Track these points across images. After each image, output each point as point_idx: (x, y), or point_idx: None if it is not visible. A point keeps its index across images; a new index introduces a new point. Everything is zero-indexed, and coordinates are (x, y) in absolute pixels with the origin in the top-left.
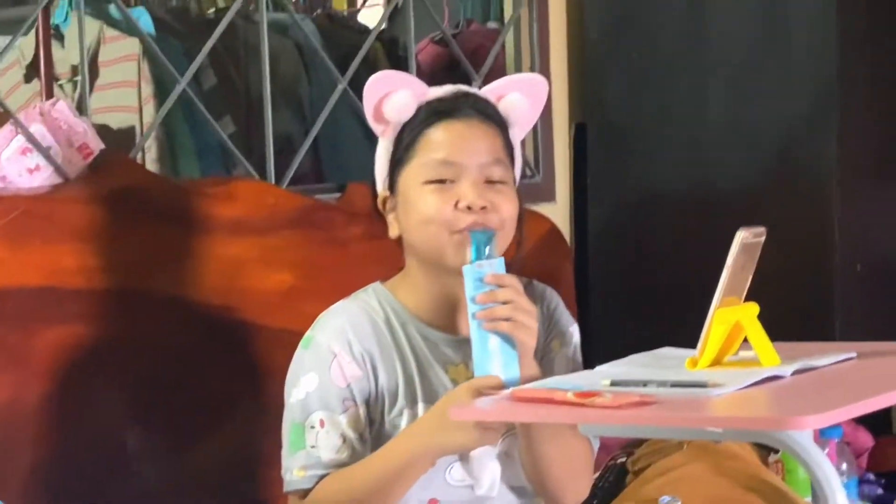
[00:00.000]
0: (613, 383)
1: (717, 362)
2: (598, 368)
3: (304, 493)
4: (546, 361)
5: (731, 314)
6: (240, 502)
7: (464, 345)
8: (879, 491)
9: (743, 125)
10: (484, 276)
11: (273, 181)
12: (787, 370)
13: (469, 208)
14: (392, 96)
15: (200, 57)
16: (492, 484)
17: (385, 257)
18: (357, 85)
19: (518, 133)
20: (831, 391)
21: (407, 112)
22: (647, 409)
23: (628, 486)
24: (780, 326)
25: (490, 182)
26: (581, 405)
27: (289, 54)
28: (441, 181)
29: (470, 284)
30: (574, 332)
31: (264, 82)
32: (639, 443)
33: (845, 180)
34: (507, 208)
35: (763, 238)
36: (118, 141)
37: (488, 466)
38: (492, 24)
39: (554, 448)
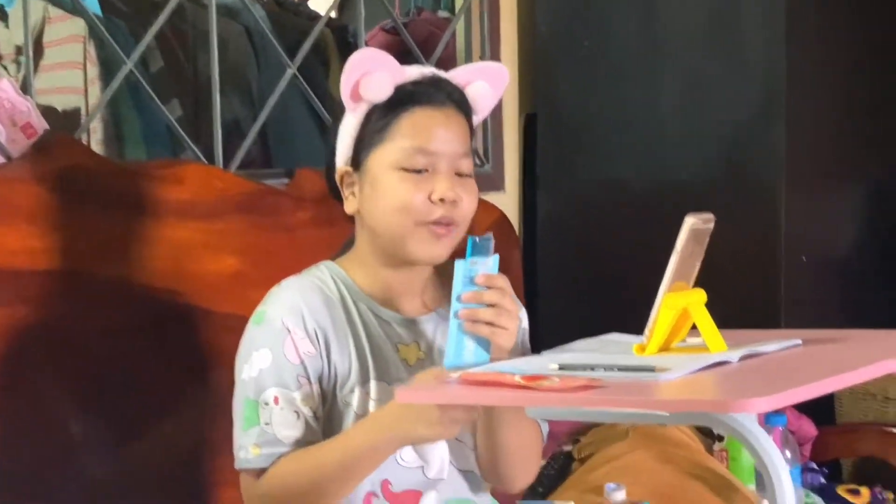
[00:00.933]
0: (561, 367)
1: (664, 348)
2: (546, 353)
3: (260, 473)
4: None
5: (679, 300)
6: (186, 490)
7: (414, 325)
8: (822, 480)
9: (693, 118)
10: (474, 275)
11: (221, 166)
12: (734, 356)
13: (442, 200)
14: (371, 76)
15: (147, 38)
16: (441, 466)
17: (333, 244)
18: (306, 71)
19: (477, 119)
20: (777, 376)
21: (384, 93)
22: (594, 393)
23: (573, 474)
24: (726, 314)
25: (459, 175)
26: (528, 388)
27: (238, 39)
28: (415, 170)
29: (459, 281)
30: (523, 317)
31: (212, 65)
32: (584, 431)
33: (792, 174)
34: (470, 203)
35: (712, 225)
36: (63, 122)
37: (438, 448)
38: (442, 13)
39: (511, 434)
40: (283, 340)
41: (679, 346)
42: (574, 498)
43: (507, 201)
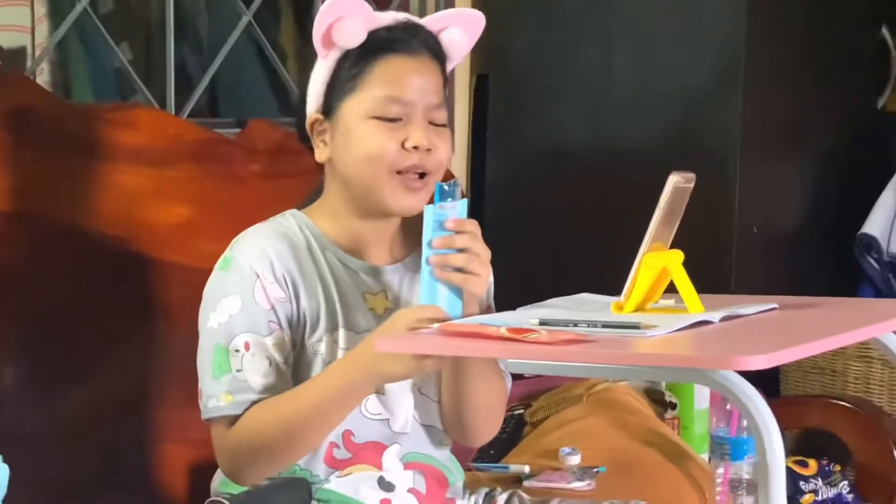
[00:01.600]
0: (542, 322)
1: (640, 308)
2: (521, 310)
3: (232, 421)
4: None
5: (658, 259)
6: (126, 441)
7: (382, 274)
8: None
9: (648, 84)
10: (444, 220)
11: (173, 112)
12: (715, 316)
13: (416, 148)
14: (345, 21)
15: None
16: (406, 419)
17: (285, 196)
18: (259, 20)
19: (450, 66)
20: (764, 336)
21: (357, 39)
22: (587, 346)
23: (526, 438)
24: None
25: (433, 124)
26: (516, 340)
27: None
28: (389, 119)
29: (428, 226)
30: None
31: (168, 9)
32: (536, 394)
33: (746, 146)
34: (444, 150)
35: (692, 184)
36: (8, 61)
37: (404, 401)
38: None
39: (479, 387)
40: (253, 285)
41: (652, 307)
42: (528, 462)
43: (456, 162)
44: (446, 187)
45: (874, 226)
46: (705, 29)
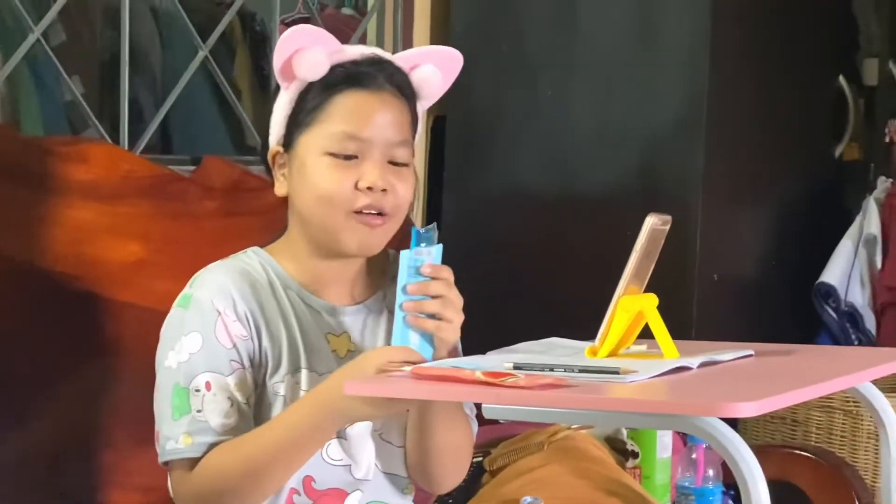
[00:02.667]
0: (517, 367)
1: (614, 353)
2: (491, 354)
3: (192, 465)
4: None
5: (634, 303)
6: (70, 485)
7: (345, 315)
8: (729, 502)
9: (609, 129)
10: (420, 266)
11: (126, 147)
12: (693, 362)
13: (370, 189)
14: (305, 53)
15: (55, 9)
16: (368, 466)
17: (242, 235)
18: (214, 56)
19: (424, 105)
20: (746, 382)
21: (319, 71)
22: (567, 391)
23: (485, 486)
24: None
25: (393, 163)
26: (493, 384)
27: (142, 17)
28: (344, 156)
29: (403, 271)
30: None
31: (122, 42)
32: (495, 442)
33: (708, 192)
34: (403, 192)
35: (668, 226)
36: None
37: (366, 447)
38: (347, 11)
39: (445, 433)
40: (215, 323)
41: (625, 352)
42: None
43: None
44: (422, 232)
45: (832, 275)
46: (667, 73)
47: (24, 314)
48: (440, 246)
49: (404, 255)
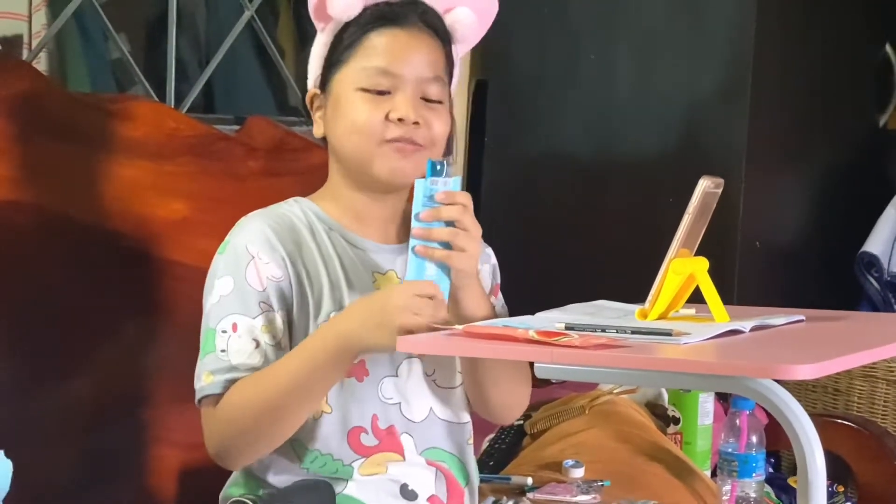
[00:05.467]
0: (568, 327)
1: (663, 316)
2: (540, 315)
3: (217, 402)
4: None
5: (685, 265)
6: (117, 440)
7: (390, 253)
8: (770, 469)
9: (651, 94)
10: (434, 193)
11: (173, 105)
12: (745, 325)
13: (401, 120)
14: None
15: None
16: (420, 408)
17: (283, 195)
18: (259, 16)
19: (461, 49)
20: (800, 346)
21: (353, 10)
22: (622, 351)
23: (526, 449)
24: None
25: (426, 99)
26: (547, 343)
27: None
28: (377, 91)
29: (418, 200)
30: (490, 252)
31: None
32: (536, 406)
33: (751, 160)
34: (438, 126)
35: (720, 190)
36: (4, 49)
37: (419, 389)
38: None
39: (500, 369)
40: (246, 266)
41: (674, 315)
42: (529, 473)
43: (454, 168)
44: (437, 164)
45: (875, 244)
46: (712, 39)
47: (69, 270)
48: (458, 178)
49: (419, 183)
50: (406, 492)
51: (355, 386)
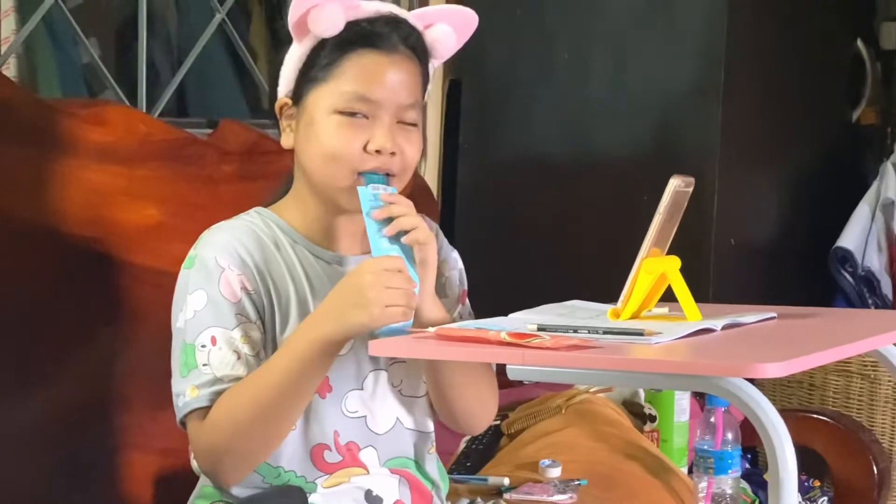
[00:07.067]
0: (541, 328)
1: (636, 316)
2: (513, 316)
3: (204, 415)
4: (438, 286)
5: (657, 265)
6: (90, 446)
7: (354, 265)
8: (746, 465)
9: (625, 93)
10: (378, 196)
11: (144, 110)
12: (716, 324)
13: (378, 152)
14: (322, 9)
15: None
16: (385, 420)
17: (257, 200)
18: (231, 19)
19: (435, 63)
20: (771, 344)
21: (334, 28)
22: (594, 352)
23: (503, 449)
24: None
25: (402, 123)
26: (519, 345)
27: None
28: (353, 114)
29: (366, 203)
30: (457, 257)
31: (140, 3)
32: (513, 406)
33: (725, 156)
34: (411, 153)
35: (691, 189)
36: None
37: (385, 401)
38: None
39: (463, 376)
40: (218, 278)
41: (647, 315)
42: (506, 473)
43: (428, 168)
44: (375, 175)
45: (849, 239)
46: (684, 36)
47: (40, 277)
48: (395, 188)
49: (362, 190)
50: (371, 497)
51: (318, 402)
